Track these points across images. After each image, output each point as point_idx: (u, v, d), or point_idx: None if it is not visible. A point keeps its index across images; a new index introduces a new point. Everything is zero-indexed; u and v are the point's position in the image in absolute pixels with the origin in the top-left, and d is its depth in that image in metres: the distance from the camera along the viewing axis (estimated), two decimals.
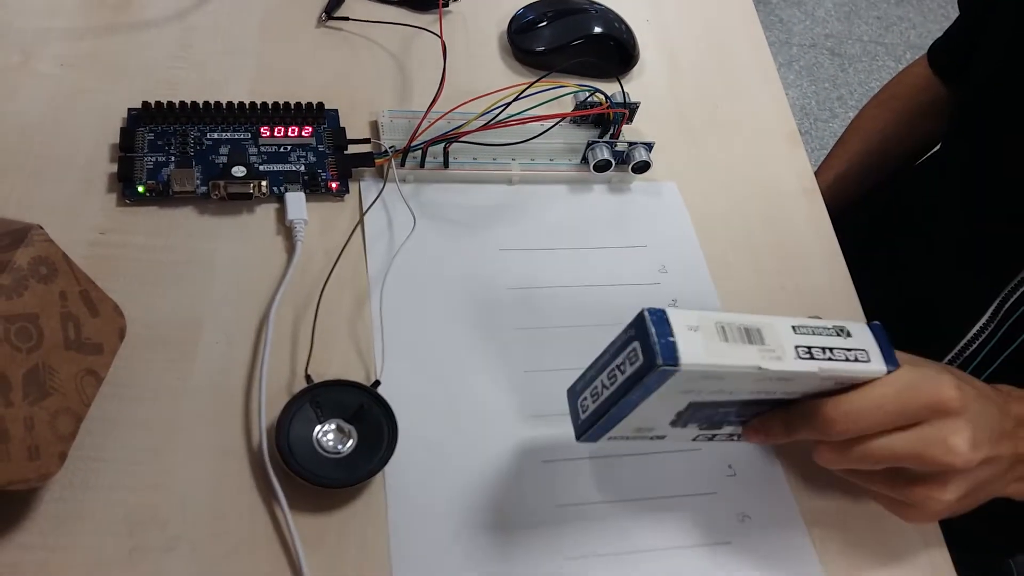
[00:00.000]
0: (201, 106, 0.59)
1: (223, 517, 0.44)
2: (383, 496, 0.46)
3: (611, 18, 0.72)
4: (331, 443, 0.46)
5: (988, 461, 0.43)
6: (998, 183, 0.65)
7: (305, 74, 0.65)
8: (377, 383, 0.49)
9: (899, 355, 0.42)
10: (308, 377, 0.49)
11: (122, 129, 0.58)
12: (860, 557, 0.49)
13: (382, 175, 0.60)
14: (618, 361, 0.40)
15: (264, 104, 0.60)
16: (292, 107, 0.61)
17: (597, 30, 0.70)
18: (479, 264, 0.57)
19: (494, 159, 0.61)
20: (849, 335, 0.42)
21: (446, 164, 0.60)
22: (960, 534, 0.56)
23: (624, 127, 0.64)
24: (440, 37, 0.65)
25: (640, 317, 0.39)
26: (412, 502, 0.46)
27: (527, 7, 0.72)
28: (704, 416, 0.44)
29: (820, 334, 0.41)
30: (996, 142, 0.65)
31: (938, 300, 0.69)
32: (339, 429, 0.47)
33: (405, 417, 0.48)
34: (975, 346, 0.64)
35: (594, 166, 0.62)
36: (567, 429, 0.50)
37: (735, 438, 0.47)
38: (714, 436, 0.47)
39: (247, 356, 0.50)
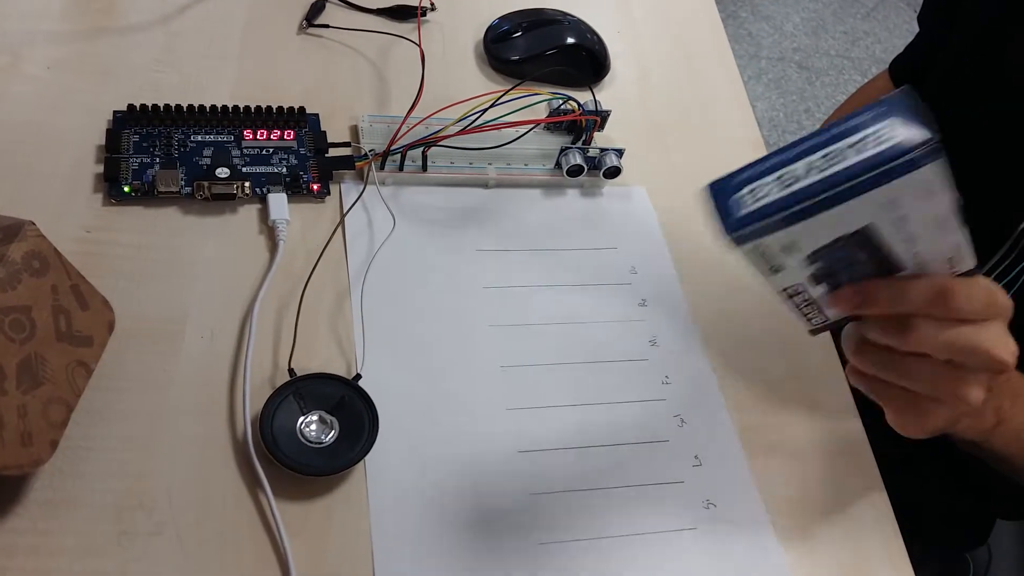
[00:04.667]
0: (185, 109, 0.61)
1: (209, 504, 0.46)
2: (364, 484, 0.48)
3: (584, 29, 0.74)
4: (314, 433, 0.48)
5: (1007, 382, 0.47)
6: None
7: (287, 79, 0.67)
8: (358, 376, 0.51)
9: None
10: (291, 371, 0.51)
11: (108, 131, 0.59)
12: (817, 541, 0.51)
13: (362, 178, 0.62)
14: (849, 142, 0.35)
15: (247, 108, 0.62)
16: (274, 111, 0.63)
17: (570, 41, 0.73)
18: (456, 264, 0.59)
19: (471, 163, 0.64)
20: None
21: (424, 168, 0.62)
22: (919, 529, 0.59)
23: (596, 134, 0.67)
24: (418, 45, 0.67)
25: (897, 96, 0.35)
26: (392, 490, 0.48)
27: (503, 17, 0.75)
28: (836, 258, 0.40)
29: None
30: (948, 153, 0.69)
31: None
32: (321, 420, 0.49)
33: (385, 409, 0.49)
34: None
35: (567, 171, 0.64)
36: (542, 421, 0.52)
37: (810, 307, 0.44)
38: (800, 295, 0.43)
39: (231, 350, 0.51)
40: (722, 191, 0.38)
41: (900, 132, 0.34)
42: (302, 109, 0.63)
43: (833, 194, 0.35)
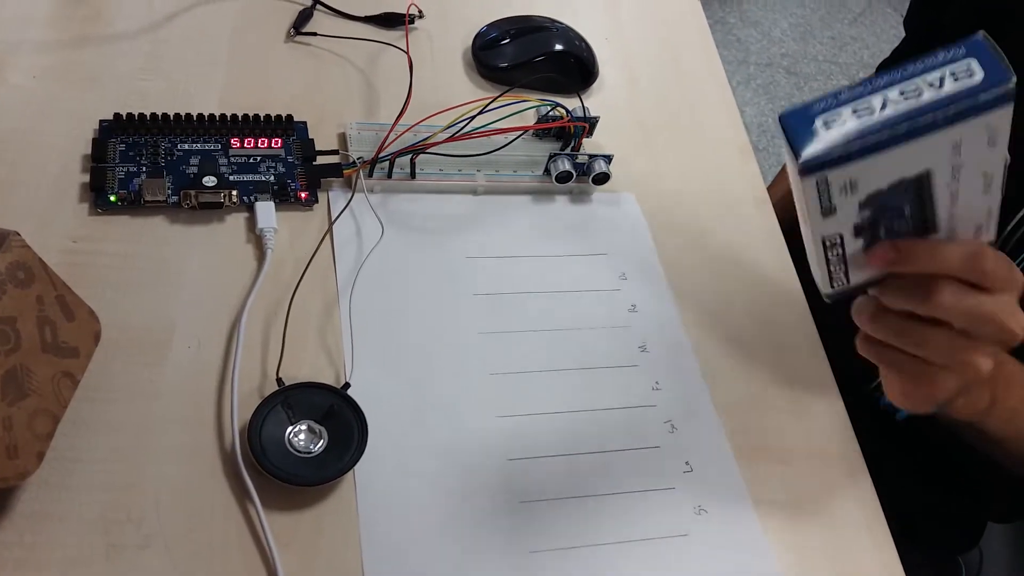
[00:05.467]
0: (172, 117, 0.61)
1: (197, 515, 0.45)
2: (354, 494, 0.48)
3: (572, 36, 0.74)
4: (303, 443, 0.48)
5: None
6: None
7: (274, 87, 0.67)
8: (347, 385, 0.51)
9: None
10: (279, 380, 0.50)
11: (94, 140, 0.59)
12: (809, 545, 0.51)
13: (350, 185, 0.61)
14: (929, 76, 0.36)
15: (234, 116, 0.62)
16: (262, 119, 0.62)
17: (558, 47, 0.73)
18: (446, 271, 0.59)
19: (459, 170, 0.63)
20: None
21: (413, 175, 0.62)
22: (910, 532, 0.59)
23: (584, 140, 0.67)
24: (406, 53, 0.67)
25: (978, 37, 0.36)
26: (382, 499, 0.48)
27: (491, 25, 0.75)
28: (878, 211, 0.41)
29: None
30: None
31: None
32: (310, 430, 0.48)
33: (374, 418, 0.49)
34: None
35: (556, 177, 0.64)
36: (532, 428, 0.52)
37: (838, 271, 0.44)
38: (837, 246, 0.43)
39: (219, 360, 0.51)
40: (796, 119, 0.38)
41: (978, 73, 0.35)
42: (290, 117, 0.63)
43: (909, 128, 0.36)
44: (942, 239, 0.42)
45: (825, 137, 0.37)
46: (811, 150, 0.37)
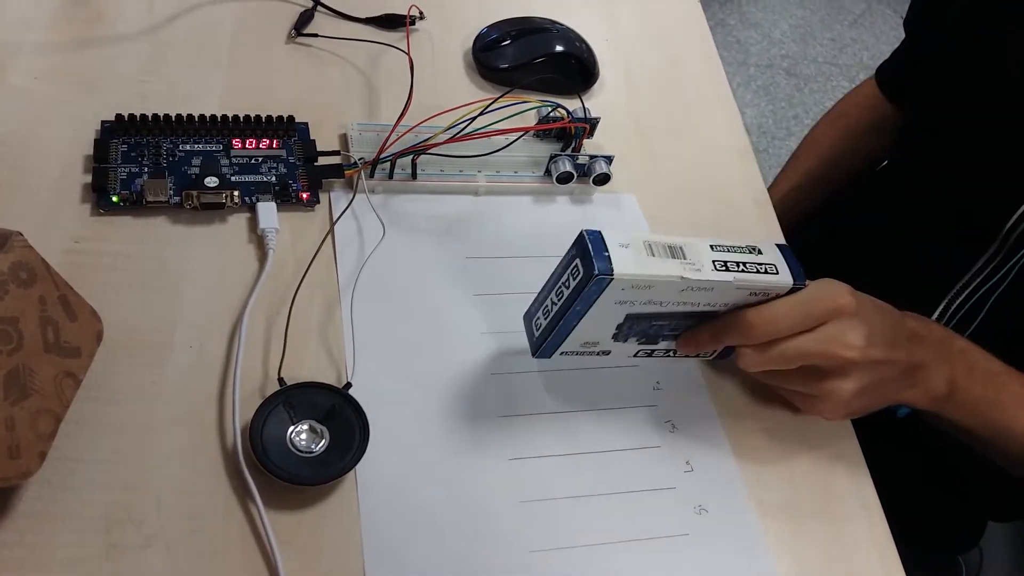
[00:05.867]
0: (174, 119, 0.61)
1: (199, 515, 0.45)
2: (355, 493, 0.48)
3: (572, 37, 0.74)
4: (304, 443, 0.48)
5: (883, 362, 0.50)
6: (940, 195, 0.69)
7: (275, 88, 0.67)
8: (349, 385, 0.51)
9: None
10: (281, 380, 0.50)
11: (96, 141, 0.59)
12: (809, 545, 0.51)
13: (352, 186, 0.61)
14: (564, 278, 0.47)
15: (236, 117, 0.62)
16: (263, 120, 0.62)
17: (559, 49, 0.73)
18: (447, 272, 0.59)
19: (460, 171, 0.64)
20: (760, 252, 0.48)
21: (414, 176, 0.62)
22: (910, 532, 0.59)
23: (585, 141, 0.67)
24: (407, 54, 0.67)
25: (580, 237, 0.46)
26: (383, 499, 0.48)
27: (491, 26, 0.75)
28: (641, 330, 0.50)
29: (735, 252, 0.48)
30: (934, 157, 0.69)
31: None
32: (312, 429, 0.48)
33: (376, 417, 0.49)
34: None
35: (557, 178, 0.64)
36: (533, 428, 0.52)
37: (671, 354, 0.53)
38: (652, 352, 0.53)
39: (220, 360, 0.51)
40: (528, 318, 0.52)
41: (583, 271, 0.46)
42: (291, 118, 0.63)
43: (570, 316, 0.48)
44: (727, 312, 0.50)
45: (536, 335, 0.51)
46: (534, 348, 0.52)
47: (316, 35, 0.72)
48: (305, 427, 0.48)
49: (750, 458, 0.54)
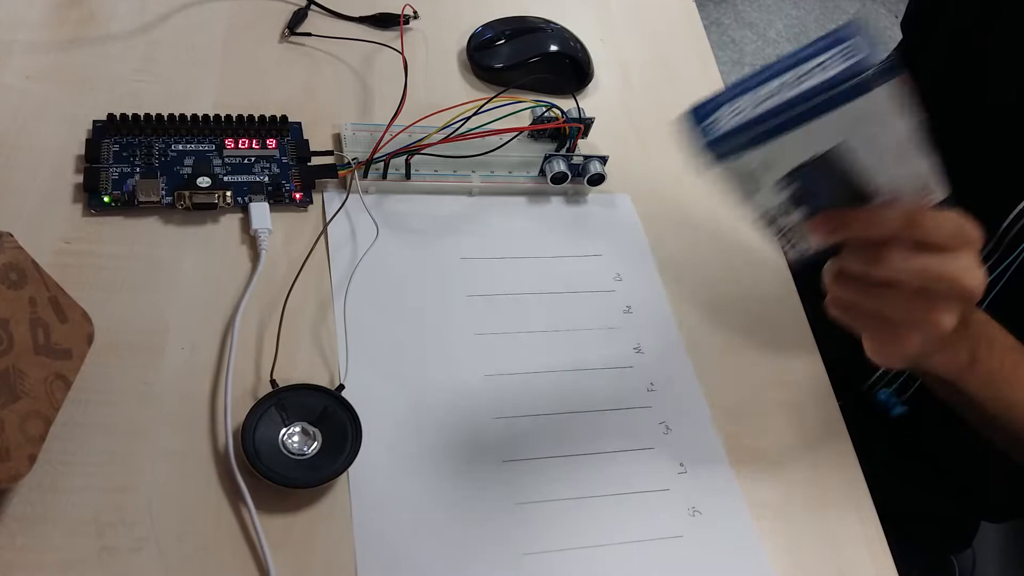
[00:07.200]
0: (166, 118, 0.60)
1: (190, 518, 0.45)
2: (347, 496, 0.48)
3: (566, 37, 0.74)
4: (296, 445, 0.48)
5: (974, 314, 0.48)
6: None
7: (269, 88, 0.67)
8: (341, 387, 0.51)
9: None
10: (273, 382, 0.50)
11: (87, 141, 0.59)
12: (803, 546, 0.51)
13: (345, 186, 0.61)
14: (817, 62, 0.38)
15: (228, 117, 0.62)
16: (256, 119, 0.62)
17: (553, 48, 0.73)
18: (440, 272, 0.59)
19: (455, 171, 0.63)
20: None
21: (408, 176, 0.62)
22: (903, 532, 0.59)
23: (579, 141, 0.67)
24: (401, 53, 0.67)
25: (853, 23, 0.37)
26: (376, 502, 0.48)
27: (486, 25, 0.75)
28: (806, 185, 0.43)
29: None
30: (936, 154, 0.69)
31: None
32: (304, 432, 0.48)
33: (369, 419, 0.49)
34: None
35: (551, 178, 0.64)
36: (527, 429, 0.52)
37: (794, 238, 0.46)
38: (778, 220, 0.46)
39: (212, 361, 0.51)
40: (701, 113, 0.40)
41: (860, 53, 0.36)
42: (284, 117, 0.63)
43: (802, 110, 0.38)
44: (884, 203, 0.43)
45: (727, 125, 0.40)
46: (714, 140, 0.40)
47: (309, 34, 0.71)
48: (297, 429, 0.48)
49: (744, 459, 0.54)
